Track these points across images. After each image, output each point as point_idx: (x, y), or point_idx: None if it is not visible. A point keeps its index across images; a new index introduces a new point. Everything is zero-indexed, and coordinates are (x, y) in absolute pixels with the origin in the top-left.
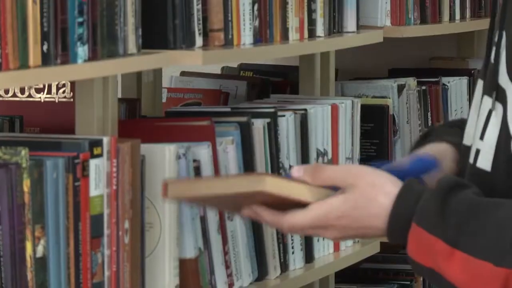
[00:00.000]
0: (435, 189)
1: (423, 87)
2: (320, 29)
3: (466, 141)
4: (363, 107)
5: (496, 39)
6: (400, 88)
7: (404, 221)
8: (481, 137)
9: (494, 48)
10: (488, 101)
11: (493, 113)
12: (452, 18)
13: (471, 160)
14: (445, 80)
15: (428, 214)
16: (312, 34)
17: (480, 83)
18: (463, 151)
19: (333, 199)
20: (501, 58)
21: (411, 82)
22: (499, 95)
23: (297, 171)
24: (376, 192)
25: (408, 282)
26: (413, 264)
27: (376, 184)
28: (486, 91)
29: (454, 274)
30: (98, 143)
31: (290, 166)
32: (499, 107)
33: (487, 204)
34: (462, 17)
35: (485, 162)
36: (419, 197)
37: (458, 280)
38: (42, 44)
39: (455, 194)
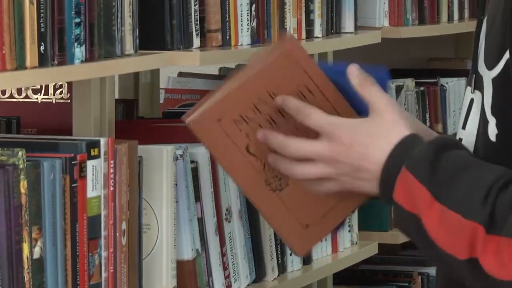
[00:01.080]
0: (430, 142)
1: (422, 88)
2: (318, 30)
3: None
4: None
5: (480, 31)
6: (399, 89)
7: (397, 165)
8: (463, 127)
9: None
10: (468, 90)
11: (474, 102)
12: (450, 18)
13: None
14: (443, 81)
15: (419, 162)
16: (310, 34)
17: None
18: None
19: (349, 119)
20: (480, 46)
21: (409, 82)
22: (478, 84)
23: (354, 68)
24: (392, 128)
25: (407, 284)
26: (397, 208)
27: (397, 122)
28: (468, 81)
29: (431, 223)
30: (95, 144)
31: None
32: (478, 95)
33: (472, 163)
34: (461, 17)
35: None
36: (416, 146)
37: (433, 230)
38: (39, 45)
39: (447, 151)
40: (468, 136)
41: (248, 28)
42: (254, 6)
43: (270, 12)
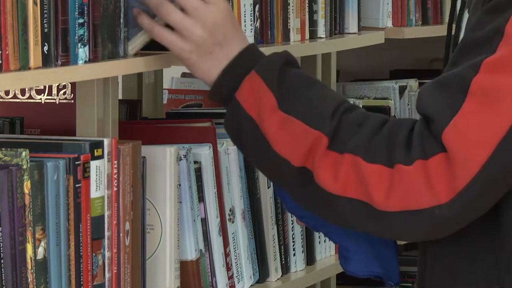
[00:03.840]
0: (279, 54)
1: None
2: (321, 30)
3: None
4: (365, 108)
5: (461, 21)
6: (402, 90)
7: (248, 63)
8: None
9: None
10: None
11: None
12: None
13: None
14: None
15: (270, 69)
16: (313, 35)
17: None
18: None
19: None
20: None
21: (413, 83)
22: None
23: None
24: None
25: (410, 284)
26: (236, 107)
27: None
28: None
29: (271, 128)
30: (98, 144)
31: None
32: None
33: (318, 82)
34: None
35: None
36: (266, 55)
37: (272, 134)
38: (42, 45)
39: (294, 66)
40: None
41: (251, 29)
42: (257, 6)
43: (273, 12)
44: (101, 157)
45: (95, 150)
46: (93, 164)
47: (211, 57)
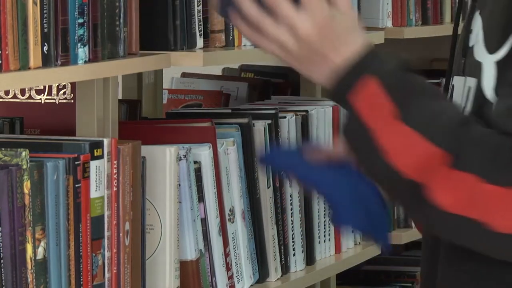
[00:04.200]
0: (400, 59)
1: None
2: None
3: None
4: None
5: (470, 23)
6: None
7: (368, 66)
8: None
9: (470, 35)
10: (468, 80)
11: (471, 89)
12: (453, 19)
13: None
14: None
15: (388, 72)
16: None
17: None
18: None
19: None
20: (478, 39)
21: None
22: (475, 71)
23: None
24: (357, 31)
25: (410, 284)
26: (351, 112)
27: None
28: (468, 72)
29: (388, 137)
30: (98, 144)
31: None
32: (474, 82)
33: (440, 92)
34: (464, 18)
35: None
36: (393, 58)
37: (389, 144)
38: (42, 45)
39: (410, 68)
40: None
41: None
42: None
43: None
44: (101, 157)
45: (95, 150)
46: (93, 164)
47: (320, 56)
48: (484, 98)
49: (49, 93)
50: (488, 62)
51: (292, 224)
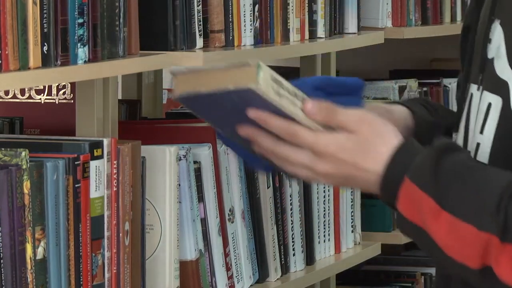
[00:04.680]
0: (430, 149)
1: (424, 89)
2: (321, 30)
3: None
4: None
5: (489, 32)
6: (401, 90)
7: (398, 174)
8: (481, 131)
9: (489, 44)
10: (487, 96)
11: (492, 106)
12: (453, 19)
13: (471, 155)
14: (446, 81)
15: (422, 171)
16: (313, 35)
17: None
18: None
19: (337, 133)
20: (500, 51)
21: (412, 83)
22: (498, 88)
23: (312, 105)
24: (379, 139)
25: (410, 284)
26: (401, 219)
27: (381, 132)
28: (486, 87)
29: (439, 234)
30: (98, 144)
31: None
32: (498, 100)
33: (477, 168)
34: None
35: (484, 155)
36: (415, 154)
37: (442, 240)
38: (42, 45)
39: (449, 156)
40: (485, 141)
41: (251, 29)
42: (257, 6)
43: (273, 12)
44: (100, 157)
45: (95, 150)
46: (93, 164)
47: (349, 180)
48: None
49: (49, 93)
50: None
51: (292, 224)
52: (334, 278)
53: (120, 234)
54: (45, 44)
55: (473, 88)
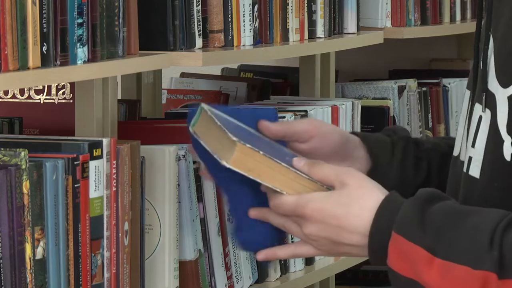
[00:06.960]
0: (414, 199)
1: (424, 89)
2: (320, 30)
3: (455, 152)
4: (364, 108)
5: (483, 44)
6: (401, 90)
7: (385, 231)
8: (473, 145)
9: (481, 54)
10: (478, 108)
11: (483, 120)
12: (452, 19)
13: (464, 169)
14: (445, 81)
15: (407, 222)
16: (312, 35)
17: (467, 94)
18: (451, 161)
19: (316, 193)
20: (490, 63)
21: (412, 83)
22: (488, 101)
23: (298, 161)
24: (361, 193)
25: None
26: (393, 274)
27: (364, 186)
28: (477, 99)
29: (434, 281)
30: (97, 144)
31: None
32: (487, 113)
33: (463, 211)
34: (463, 18)
35: (475, 169)
36: (399, 207)
37: (438, 286)
38: (41, 45)
39: (433, 204)
40: (476, 155)
41: (250, 29)
42: (256, 6)
43: (272, 12)
44: (100, 157)
45: (94, 150)
46: (92, 164)
47: (346, 247)
48: (499, 135)
49: (48, 93)
50: (501, 96)
51: None
52: (334, 278)
53: (120, 234)
54: (45, 44)
55: (467, 93)
